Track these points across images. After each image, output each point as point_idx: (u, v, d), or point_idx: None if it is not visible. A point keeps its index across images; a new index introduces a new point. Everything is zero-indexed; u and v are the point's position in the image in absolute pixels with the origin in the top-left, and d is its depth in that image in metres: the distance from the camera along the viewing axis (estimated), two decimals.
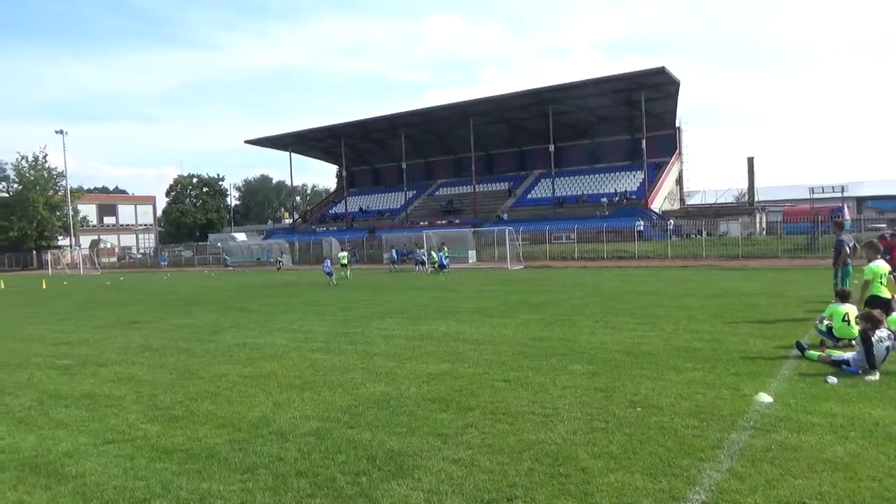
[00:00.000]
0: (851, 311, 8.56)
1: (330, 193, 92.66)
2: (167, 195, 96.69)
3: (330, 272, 26.75)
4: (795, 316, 11.85)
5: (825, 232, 32.39)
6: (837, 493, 4.05)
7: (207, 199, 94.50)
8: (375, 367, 8.60)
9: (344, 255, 31.62)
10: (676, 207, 56.98)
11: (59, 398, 7.59)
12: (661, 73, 46.77)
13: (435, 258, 33.42)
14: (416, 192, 69.12)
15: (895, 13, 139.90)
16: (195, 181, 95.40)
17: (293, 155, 75.75)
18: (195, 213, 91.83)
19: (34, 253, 73.20)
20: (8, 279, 45.68)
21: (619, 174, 58.08)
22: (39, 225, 71.28)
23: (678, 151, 58.42)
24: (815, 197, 53.72)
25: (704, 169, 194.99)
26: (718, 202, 61.81)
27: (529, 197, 61.15)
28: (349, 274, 30.04)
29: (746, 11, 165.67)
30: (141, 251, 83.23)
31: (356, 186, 78.71)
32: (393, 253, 39.69)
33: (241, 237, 74.00)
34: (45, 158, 72.18)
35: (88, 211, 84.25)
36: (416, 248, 38.67)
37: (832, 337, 8.60)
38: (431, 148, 70.32)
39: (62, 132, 66.07)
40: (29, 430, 6.31)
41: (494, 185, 65.12)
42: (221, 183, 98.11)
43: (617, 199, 53.72)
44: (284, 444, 5.46)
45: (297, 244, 58.38)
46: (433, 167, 72.75)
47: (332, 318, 14.56)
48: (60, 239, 74.97)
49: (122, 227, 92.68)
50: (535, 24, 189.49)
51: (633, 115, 53.80)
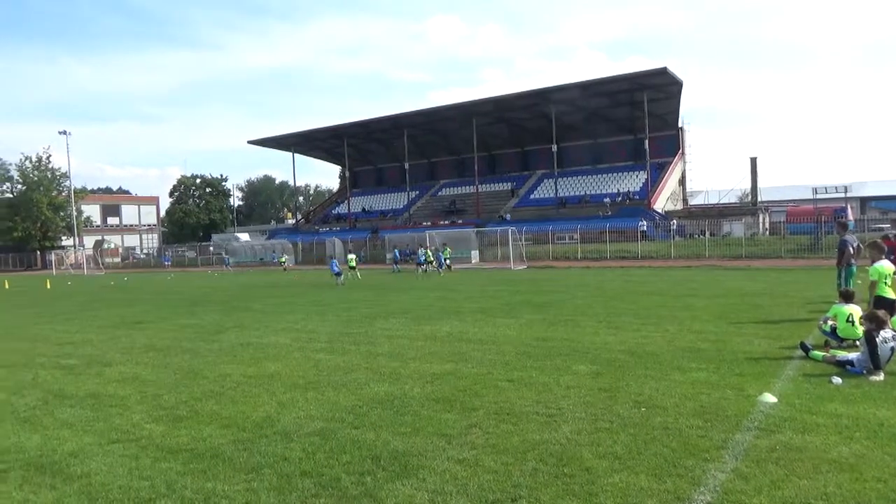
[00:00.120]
0: (856, 311, 8.54)
1: (333, 194, 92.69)
2: (170, 195, 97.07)
3: (339, 272, 26.57)
4: (799, 316, 11.81)
5: (829, 232, 32.32)
6: (843, 493, 4.04)
7: (210, 199, 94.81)
8: (379, 367, 8.61)
9: (353, 256, 31.62)
10: (679, 208, 56.88)
11: (63, 398, 7.62)
12: (663, 73, 46.67)
13: (430, 257, 33.30)
14: (419, 192, 69.10)
15: None
16: (198, 181, 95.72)
17: (296, 155, 75.87)
18: (198, 213, 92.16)
19: (38, 253, 73.38)
20: (12, 279, 45.81)
21: (621, 174, 57.98)
22: (43, 225, 71.49)
23: (681, 152, 58.32)
24: (818, 197, 53.51)
25: (707, 169, 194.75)
26: (722, 202, 61.67)
27: (532, 197, 61.09)
28: (359, 275, 29.96)
29: (746, 11, 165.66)
30: (144, 251, 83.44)
31: (359, 187, 78.73)
32: (396, 253, 39.71)
33: (244, 237, 74.17)
34: (48, 159, 72.52)
35: (92, 211, 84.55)
36: (419, 248, 38.66)
37: (836, 337, 8.57)
38: (434, 148, 70.34)
39: (66, 133, 66.24)
40: (34, 429, 6.34)
41: (497, 185, 65.09)
42: (224, 183, 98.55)
43: (620, 199, 53.63)
44: (289, 444, 5.47)
45: (300, 244, 58.48)
46: (436, 167, 72.74)
47: (335, 318, 14.57)
48: (64, 239, 75.13)
49: (125, 227, 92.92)
50: (535, 24, 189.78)
51: (635, 115, 53.74)
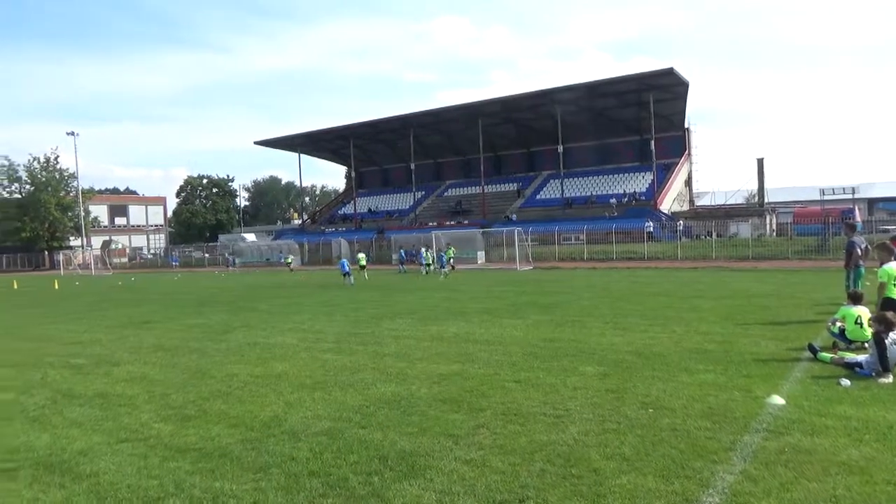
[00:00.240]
0: (864, 313, 8.49)
1: (339, 194, 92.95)
2: (177, 196, 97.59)
3: (348, 272, 26.57)
4: (807, 318, 11.74)
5: (836, 233, 32.11)
6: (852, 496, 4.02)
7: (217, 199, 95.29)
8: (386, 367, 8.62)
9: (362, 256, 31.78)
10: (686, 208, 56.69)
11: (72, 397, 7.67)
12: (669, 74, 46.53)
13: (430, 259, 33.29)
14: (424, 192, 69.14)
15: None
16: (205, 182, 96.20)
17: (302, 156, 76.03)
18: (205, 213, 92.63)
19: (46, 253, 73.82)
20: (20, 279, 46.09)
21: (627, 175, 57.87)
22: (51, 226, 71.90)
23: (687, 152, 58.18)
24: (825, 198, 53.38)
25: (714, 170, 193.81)
26: (728, 203, 61.44)
27: (538, 198, 61.03)
28: (366, 275, 30.02)
29: (746, 11, 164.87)
30: (152, 252, 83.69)
31: (365, 187, 78.84)
32: (401, 253, 39.76)
33: (250, 238, 74.34)
34: (56, 160, 73.01)
35: (100, 212, 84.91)
36: (422, 248, 38.73)
37: (845, 339, 8.52)
38: (440, 149, 70.35)
39: (73, 134, 66.62)
40: (43, 428, 6.38)
41: (503, 185, 65.05)
42: (231, 184, 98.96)
43: (626, 199, 53.52)
44: (296, 443, 5.49)
45: (306, 245, 58.57)
46: (442, 168, 72.77)
47: (342, 318, 14.60)
48: (72, 239, 75.60)
49: (133, 227, 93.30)
50: (542, 25, 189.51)
51: (641, 115, 53.58)
